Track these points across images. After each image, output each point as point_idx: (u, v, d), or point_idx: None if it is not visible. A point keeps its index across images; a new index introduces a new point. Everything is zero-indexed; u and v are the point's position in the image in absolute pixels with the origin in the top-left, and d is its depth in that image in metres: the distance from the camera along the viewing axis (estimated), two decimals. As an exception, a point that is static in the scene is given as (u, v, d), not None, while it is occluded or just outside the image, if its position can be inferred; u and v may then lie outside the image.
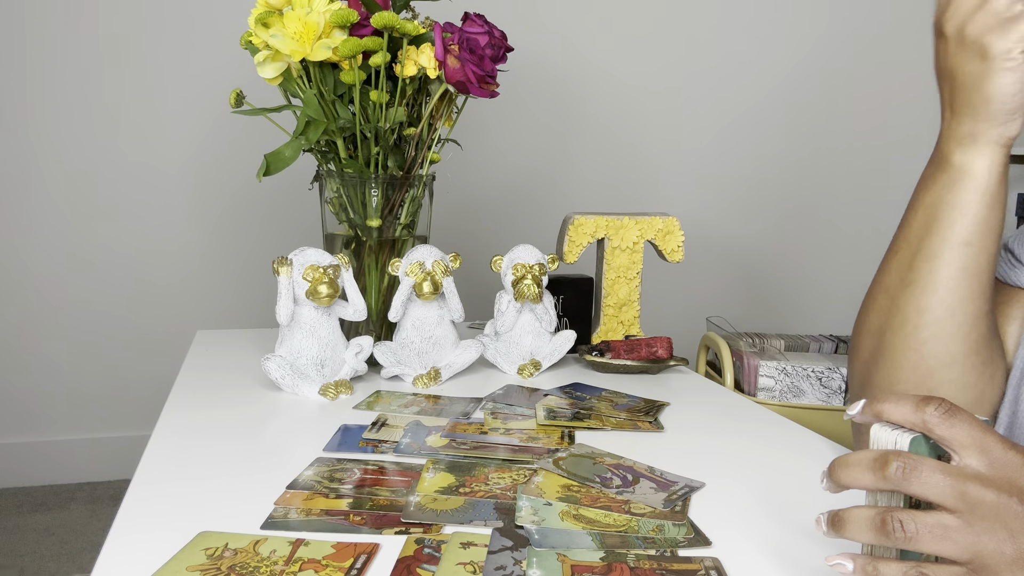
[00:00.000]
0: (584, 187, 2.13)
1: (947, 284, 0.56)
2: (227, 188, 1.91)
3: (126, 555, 0.47)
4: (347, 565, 0.46)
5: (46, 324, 1.87)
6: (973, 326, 0.57)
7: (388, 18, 0.81)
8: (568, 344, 0.92)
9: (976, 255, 0.56)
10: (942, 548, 0.37)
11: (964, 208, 0.56)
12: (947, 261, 0.56)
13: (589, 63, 2.08)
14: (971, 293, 0.56)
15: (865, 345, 0.62)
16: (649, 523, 0.52)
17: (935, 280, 0.57)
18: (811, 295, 2.33)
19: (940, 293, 0.57)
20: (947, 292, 0.57)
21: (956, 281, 0.56)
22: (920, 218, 0.58)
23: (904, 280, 0.59)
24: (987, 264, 0.56)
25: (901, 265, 0.59)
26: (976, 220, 0.56)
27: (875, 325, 0.61)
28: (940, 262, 0.57)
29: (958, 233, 0.56)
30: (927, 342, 0.57)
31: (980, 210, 0.55)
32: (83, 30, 1.79)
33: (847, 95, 2.25)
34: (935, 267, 0.57)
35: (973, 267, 0.56)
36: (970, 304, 0.57)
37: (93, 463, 1.94)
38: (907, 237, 0.59)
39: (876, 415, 0.41)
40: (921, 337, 0.58)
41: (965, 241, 0.56)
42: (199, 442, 0.66)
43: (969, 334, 0.57)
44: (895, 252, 0.61)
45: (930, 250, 0.57)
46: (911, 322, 0.58)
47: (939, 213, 0.57)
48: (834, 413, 1.56)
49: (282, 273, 0.78)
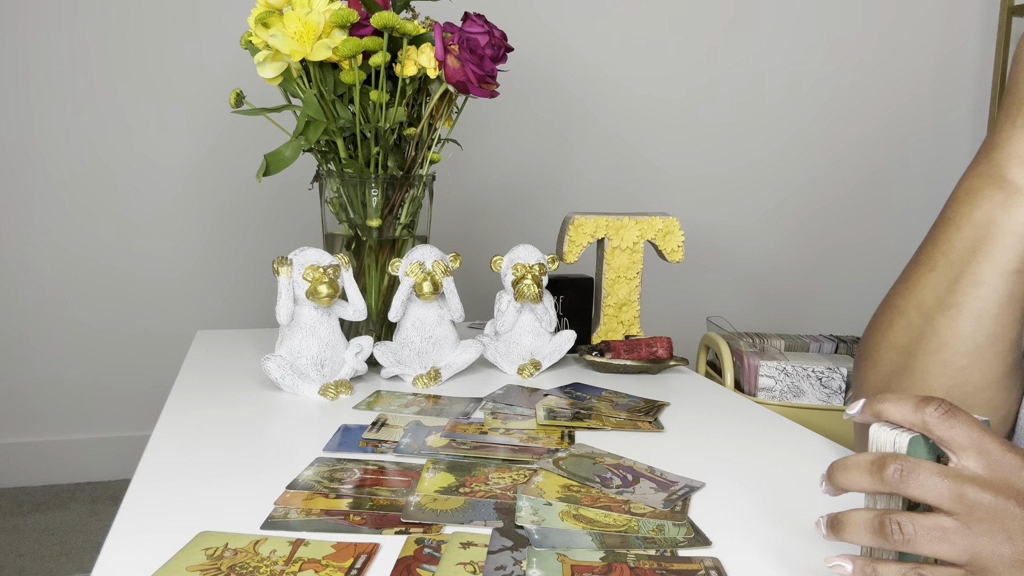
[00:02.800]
0: (584, 187, 2.13)
1: (992, 312, 0.53)
2: (227, 188, 1.91)
3: (126, 555, 0.47)
4: (347, 565, 0.46)
5: (46, 324, 1.87)
6: (1010, 351, 0.54)
7: (388, 18, 0.81)
8: (568, 344, 0.92)
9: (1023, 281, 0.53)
10: (940, 550, 0.37)
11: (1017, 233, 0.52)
12: (996, 288, 0.53)
13: (589, 63, 2.08)
14: (1014, 320, 0.53)
15: (888, 359, 0.59)
16: (649, 523, 0.52)
17: (980, 307, 0.53)
18: (811, 295, 2.33)
19: (984, 321, 0.53)
20: (991, 320, 0.53)
21: (1002, 308, 0.53)
22: (966, 237, 0.54)
23: (944, 303, 0.55)
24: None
25: (940, 286, 0.55)
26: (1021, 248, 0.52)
27: (903, 341, 0.58)
28: (988, 289, 0.53)
29: (1012, 260, 0.52)
30: (965, 369, 0.54)
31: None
32: (84, 30, 1.79)
33: (849, 95, 2.26)
34: (982, 294, 0.53)
35: (1020, 294, 0.53)
36: (1012, 331, 0.54)
37: (93, 463, 1.94)
38: (947, 255, 0.55)
39: (876, 415, 0.41)
40: (959, 364, 0.54)
41: (1017, 268, 0.52)
42: (199, 442, 0.66)
43: (1006, 359, 0.54)
44: (931, 268, 0.56)
45: (977, 275, 0.53)
46: (950, 348, 0.54)
47: (991, 235, 0.53)
48: (834, 413, 1.56)
49: (282, 273, 0.78)
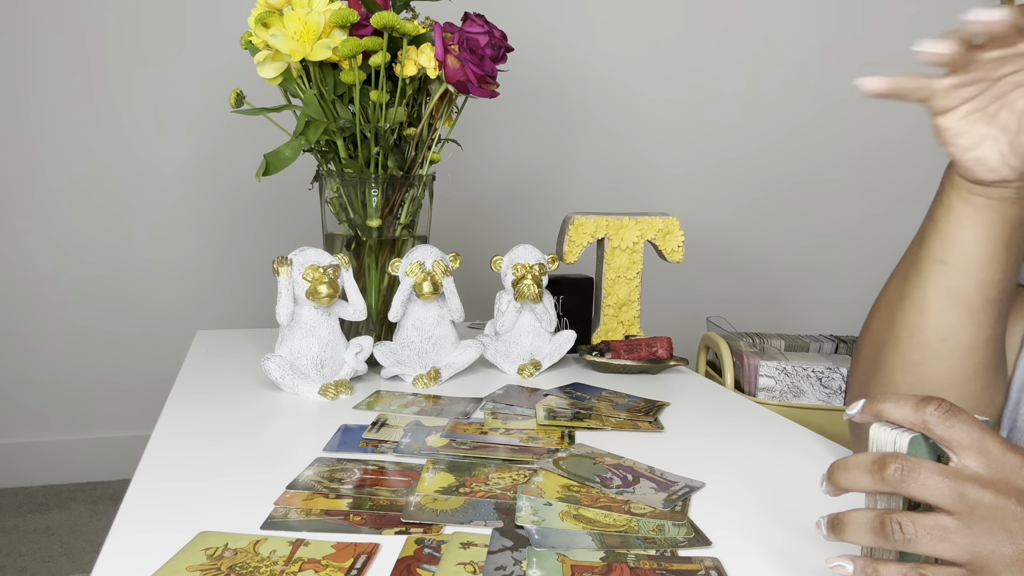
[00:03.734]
0: (584, 187, 2.13)
1: (932, 305, 0.55)
2: (227, 188, 1.91)
3: (126, 555, 0.47)
4: (347, 565, 0.46)
5: (46, 324, 1.87)
6: (969, 353, 0.55)
7: (388, 18, 0.81)
8: (568, 344, 0.92)
9: (957, 275, 0.54)
10: (941, 549, 0.37)
11: (935, 222, 0.55)
12: (927, 277, 0.55)
13: (589, 63, 2.08)
14: (960, 319, 0.54)
15: (866, 355, 0.61)
16: (649, 523, 0.52)
17: (921, 298, 0.55)
18: (811, 295, 2.33)
19: (927, 315, 0.55)
20: (934, 314, 0.55)
21: (941, 303, 0.54)
22: (920, 230, 0.57)
23: (900, 294, 0.58)
24: (975, 289, 0.54)
25: (901, 277, 0.58)
26: (944, 236, 0.54)
27: (876, 337, 0.60)
28: (923, 278, 0.55)
29: (935, 249, 0.55)
30: (920, 364, 0.56)
31: (946, 227, 0.54)
32: (84, 30, 1.79)
33: (848, 96, 2.25)
34: (921, 283, 0.56)
35: (957, 289, 0.54)
36: (961, 330, 0.54)
37: (93, 463, 1.94)
38: (909, 248, 0.58)
39: (876, 415, 0.41)
40: (914, 358, 0.56)
41: (940, 258, 0.54)
42: (199, 442, 0.66)
43: (964, 360, 0.55)
44: (900, 263, 0.59)
45: (916, 265, 0.56)
46: (904, 341, 0.57)
47: (924, 226, 0.56)
48: (834, 413, 1.56)
49: (282, 273, 0.78)
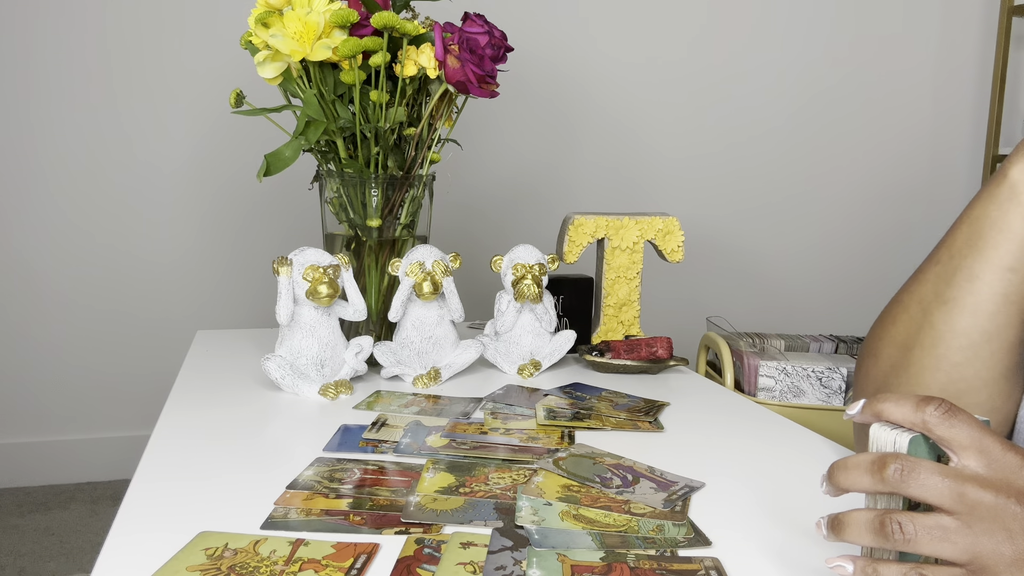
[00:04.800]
0: (584, 187, 2.13)
1: (986, 308, 0.53)
2: (227, 188, 1.91)
3: (126, 555, 0.47)
4: (347, 565, 0.46)
5: (46, 324, 1.87)
6: (1008, 352, 0.54)
7: (388, 18, 0.81)
8: (568, 344, 0.92)
9: (1020, 282, 0.52)
10: (941, 549, 0.37)
11: (1010, 231, 0.52)
12: (989, 284, 0.53)
13: (589, 63, 2.08)
14: (1010, 320, 0.53)
15: (887, 355, 0.59)
16: (649, 523, 0.52)
17: (974, 302, 0.54)
18: (811, 295, 2.33)
19: (978, 318, 0.53)
20: (986, 317, 0.53)
21: (996, 306, 0.53)
22: (964, 231, 0.55)
23: (941, 297, 0.55)
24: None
25: (940, 279, 0.56)
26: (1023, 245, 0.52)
27: (902, 337, 0.58)
28: (982, 284, 0.53)
29: (1003, 256, 0.53)
30: (959, 365, 0.55)
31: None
32: (84, 30, 1.79)
33: (848, 96, 2.25)
34: (976, 288, 0.53)
35: (1016, 294, 0.53)
36: (1009, 331, 0.53)
37: (93, 463, 1.94)
38: (950, 249, 0.56)
39: (876, 415, 0.41)
40: (954, 360, 0.55)
41: (1009, 266, 0.52)
42: (199, 442, 0.66)
43: (1002, 360, 0.54)
44: (935, 263, 0.57)
45: (972, 270, 0.54)
46: (945, 343, 0.55)
47: (984, 230, 0.54)
48: (834, 413, 1.56)
49: (282, 273, 0.78)
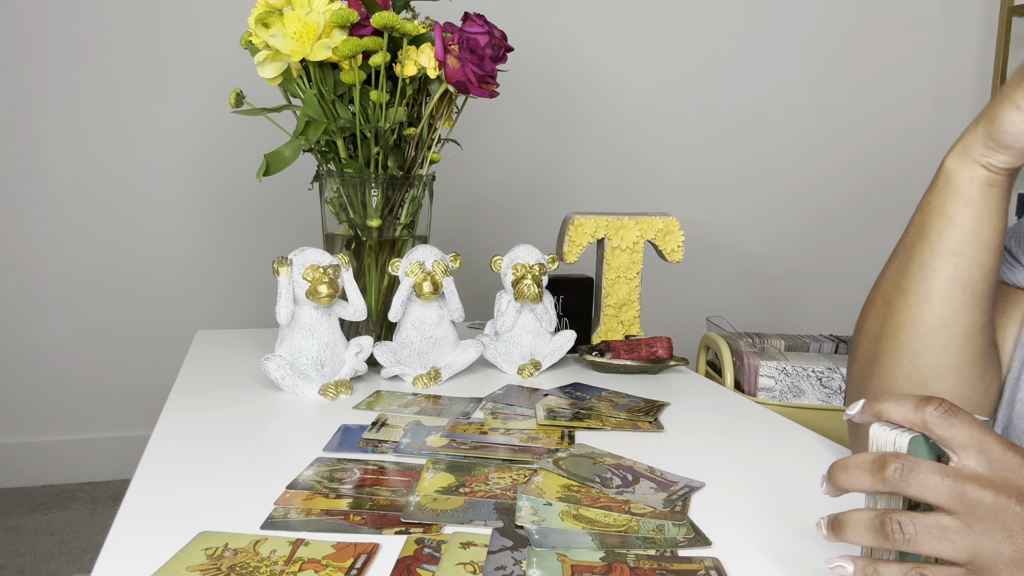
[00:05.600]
0: (584, 187, 2.13)
1: (939, 293, 0.56)
2: (227, 188, 1.91)
3: (126, 555, 0.47)
4: (347, 565, 0.46)
5: (46, 323, 1.87)
6: (967, 338, 0.56)
7: (388, 18, 0.81)
8: (568, 344, 0.92)
9: (968, 266, 0.55)
10: (941, 549, 0.37)
11: (949, 217, 0.55)
12: (937, 269, 0.56)
13: (589, 63, 2.08)
14: (964, 305, 0.55)
15: (862, 350, 0.62)
16: (649, 523, 0.52)
17: (927, 289, 0.56)
18: (811, 295, 2.33)
19: (932, 303, 0.56)
20: (939, 302, 0.56)
21: (948, 291, 0.55)
22: (915, 223, 0.58)
23: (899, 287, 0.58)
24: (981, 276, 0.55)
25: (896, 271, 0.59)
26: (962, 229, 0.55)
27: (872, 331, 0.61)
28: (930, 270, 0.56)
29: (946, 241, 0.55)
30: (920, 352, 0.57)
31: (965, 220, 0.55)
32: (85, 30, 1.79)
33: (849, 96, 2.26)
34: (926, 275, 0.56)
35: (965, 278, 0.55)
36: (964, 315, 0.55)
37: (93, 463, 1.94)
38: (904, 242, 0.59)
39: (876, 415, 0.41)
40: (914, 347, 0.57)
41: (954, 250, 0.55)
42: (199, 442, 0.66)
43: (963, 346, 0.56)
44: (894, 256, 0.60)
45: (921, 257, 0.57)
46: (904, 331, 0.57)
47: (928, 219, 0.56)
48: (834, 413, 1.56)
49: (282, 273, 0.78)
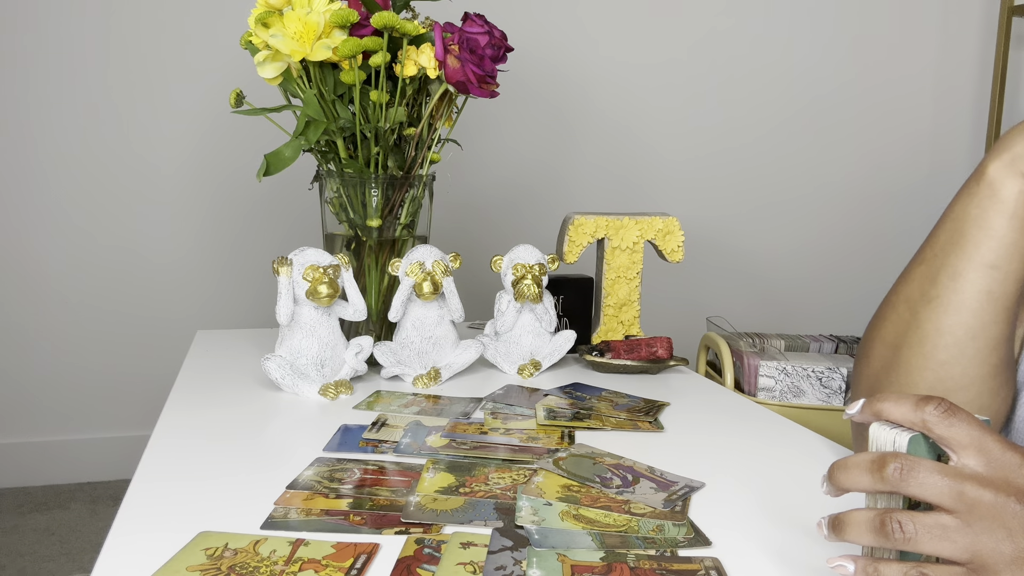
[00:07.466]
0: (584, 187, 2.13)
1: (970, 306, 0.54)
2: (227, 188, 1.91)
3: (126, 555, 0.47)
4: (347, 565, 0.46)
5: (46, 324, 1.87)
6: (994, 350, 0.54)
7: (388, 18, 0.81)
8: (568, 344, 0.92)
9: (1003, 279, 0.53)
10: (941, 548, 0.37)
11: (990, 228, 0.53)
12: (971, 281, 0.53)
13: (589, 63, 2.08)
14: (995, 317, 0.54)
15: (878, 354, 0.60)
16: (649, 523, 0.52)
17: (958, 300, 0.54)
18: (811, 295, 2.32)
19: (963, 315, 0.54)
20: (970, 314, 0.54)
21: (980, 304, 0.53)
22: (947, 230, 0.55)
23: (926, 295, 0.56)
24: (1014, 289, 0.53)
25: (924, 279, 0.56)
26: (1004, 243, 0.52)
27: (891, 336, 0.59)
28: (964, 282, 0.54)
29: (984, 254, 0.53)
30: (945, 364, 0.55)
31: (1008, 233, 0.52)
32: (85, 30, 1.79)
33: (849, 95, 2.25)
34: (959, 286, 0.54)
35: (999, 291, 0.53)
36: (993, 328, 0.54)
37: (93, 463, 1.94)
38: (933, 248, 0.56)
39: (875, 414, 0.41)
40: (940, 358, 0.55)
41: (991, 263, 0.53)
42: (199, 442, 0.66)
43: (988, 358, 0.54)
44: (920, 262, 0.57)
45: (954, 268, 0.54)
46: (931, 341, 0.55)
47: (965, 228, 0.54)
48: (834, 413, 1.56)
49: (282, 273, 0.78)
